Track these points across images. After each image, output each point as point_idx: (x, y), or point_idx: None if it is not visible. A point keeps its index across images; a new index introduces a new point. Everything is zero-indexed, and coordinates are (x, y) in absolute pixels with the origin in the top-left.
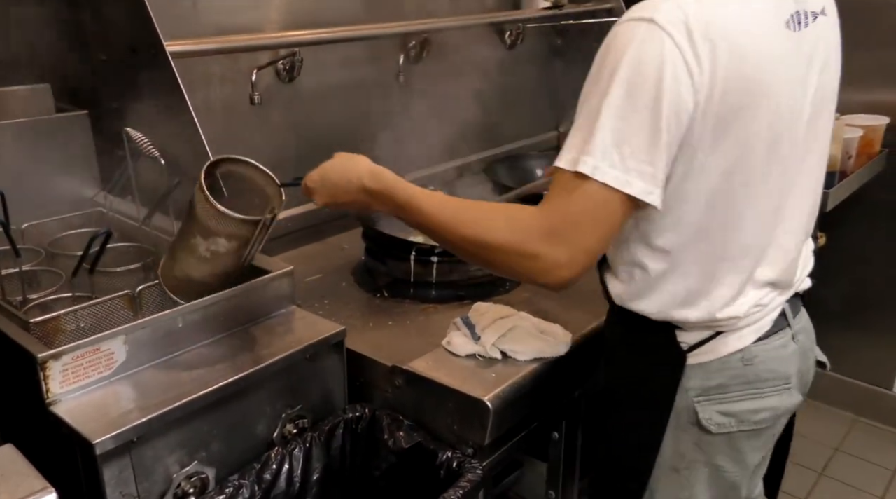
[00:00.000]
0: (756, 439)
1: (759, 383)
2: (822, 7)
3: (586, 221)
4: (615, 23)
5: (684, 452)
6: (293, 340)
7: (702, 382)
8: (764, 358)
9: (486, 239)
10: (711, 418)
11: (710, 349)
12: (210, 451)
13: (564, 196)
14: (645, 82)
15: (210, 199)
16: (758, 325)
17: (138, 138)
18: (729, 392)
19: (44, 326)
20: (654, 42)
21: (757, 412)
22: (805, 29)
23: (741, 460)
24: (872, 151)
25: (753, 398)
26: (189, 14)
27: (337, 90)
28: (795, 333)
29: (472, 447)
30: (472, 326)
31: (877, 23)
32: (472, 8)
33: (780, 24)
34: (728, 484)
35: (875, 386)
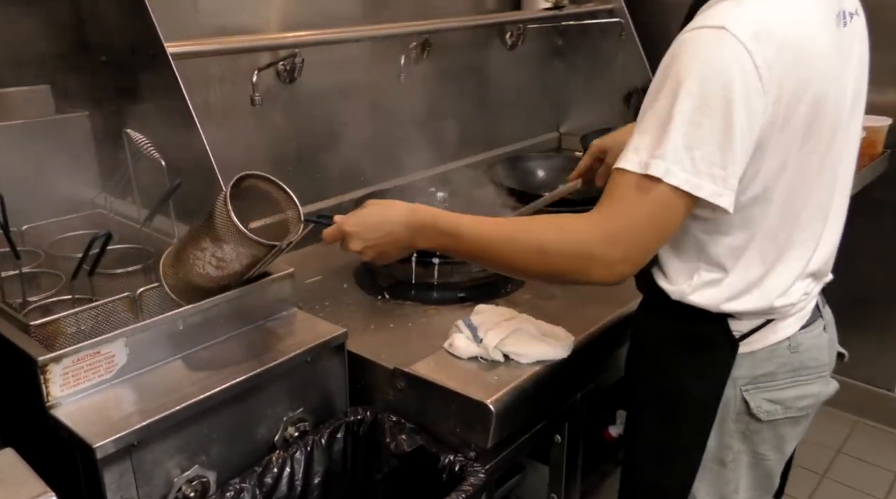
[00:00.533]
0: (797, 425)
1: (803, 370)
2: (856, 8)
3: (650, 222)
4: (682, 32)
5: (730, 443)
6: (294, 343)
7: (750, 370)
8: (808, 346)
9: (545, 247)
10: (760, 405)
11: (760, 338)
12: (211, 454)
13: (630, 198)
14: (717, 87)
15: (233, 216)
16: (802, 313)
17: (139, 140)
18: (776, 380)
19: (44, 328)
20: (725, 48)
21: (801, 399)
22: (846, 28)
23: (781, 448)
24: (875, 152)
25: (798, 385)
26: (190, 15)
27: (338, 91)
28: (826, 324)
29: (475, 451)
30: (474, 328)
31: (879, 24)
32: (473, 8)
33: (832, 23)
34: (765, 472)
35: (877, 388)
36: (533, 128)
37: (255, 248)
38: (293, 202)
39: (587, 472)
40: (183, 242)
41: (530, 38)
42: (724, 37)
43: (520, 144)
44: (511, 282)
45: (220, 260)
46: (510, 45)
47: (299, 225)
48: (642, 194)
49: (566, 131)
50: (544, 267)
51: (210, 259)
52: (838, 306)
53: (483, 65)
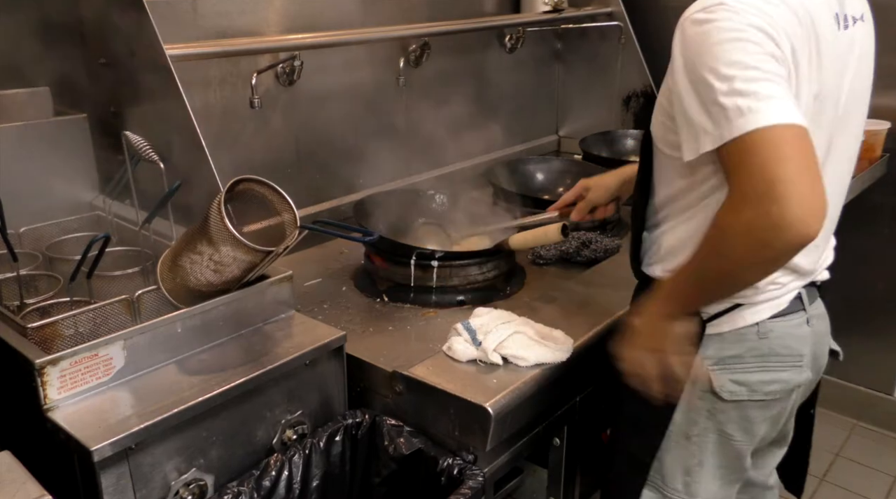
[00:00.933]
0: (766, 409)
1: (772, 357)
2: (862, 13)
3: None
4: (682, 19)
5: (696, 419)
6: (292, 346)
7: (717, 351)
8: (779, 334)
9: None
10: (724, 385)
11: (727, 320)
12: (209, 458)
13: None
14: (745, 37)
15: (227, 222)
16: (775, 302)
17: (137, 142)
18: (743, 363)
19: (41, 331)
20: (732, 16)
21: (769, 384)
22: (845, 31)
23: (749, 430)
24: (874, 155)
25: (766, 371)
26: (189, 17)
27: (337, 94)
28: (810, 318)
29: (473, 454)
30: (472, 331)
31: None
32: (473, 12)
33: (830, 18)
34: (734, 452)
35: (876, 391)
36: (532, 131)
37: (250, 253)
38: (289, 206)
39: (586, 475)
40: (179, 247)
41: (529, 42)
42: (726, 6)
43: (519, 147)
44: (510, 285)
45: (217, 264)
46: (509, 49)
47: (295, 229)
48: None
49: (565, 134)
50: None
51: (207, 263)
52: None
53: (482, 68)
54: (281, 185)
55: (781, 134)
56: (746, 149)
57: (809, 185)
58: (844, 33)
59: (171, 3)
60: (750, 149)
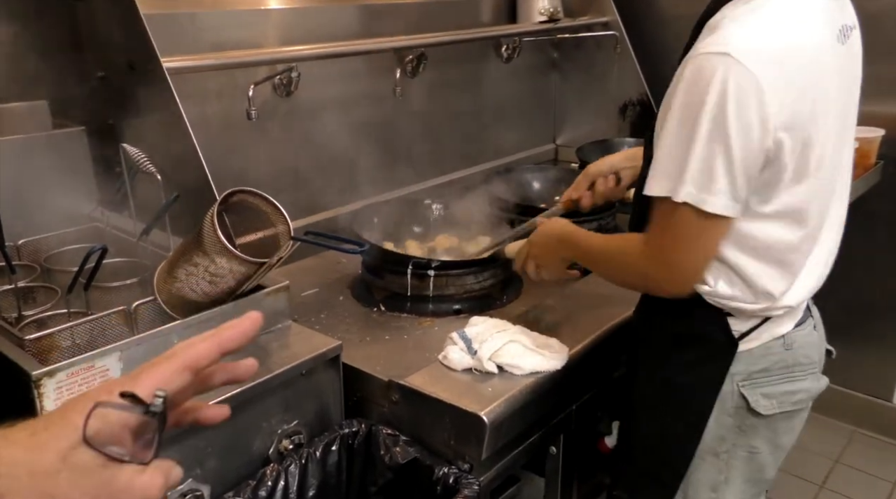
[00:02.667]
0: (791, 420)
1: (796, 367)
2: (855, 22)
3: (688, 245)
4: (690, 58)
5: (725, 435)
6: (289, 356)
7: (746, 367)
8: (801, 343)
9: (615, 272)
10: (758, 401)
11: (756, 336)
12: (205, 468)
13: (668, 224)
14: (730, 112)
15: (220, 235)
16: (794, 312)
17: (135, 154)
18: (771, 376)
19: (38, 342)
20: (732, 74)
21: (794, 394)
22: (847, 42)
23: (775, 442)
24: (868, 162)
25: (792, 381)
26: (186, 30)
27: (334, 105)
28: (815, 323)
29: (469, 462)
30: (468, 340)
31: (871, 36)
32: (469, 22)
33: (833, 39)
34: (759, 466)
35: (875, 398)
36: (529, 140)
37: (244, 264)
38: (283, 217)
39: (583, 483)
40: (175, 258)
41: (526, 51)
42: (729, 63)
43: (516, 156)
44: (506, 294)
45: (212, 276)
46: (506, 58)
47: (289, 241)
48: (681, 220)
49: (562, 143)
50: (626, 284)
51: (203, 274)
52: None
53: (479, 78)
54: (278, 195)
55: (713, 225)
56: (685, 221)
57: (697, 274)
58: (845, 46)
59: (169, 16)
60: (686, 222)
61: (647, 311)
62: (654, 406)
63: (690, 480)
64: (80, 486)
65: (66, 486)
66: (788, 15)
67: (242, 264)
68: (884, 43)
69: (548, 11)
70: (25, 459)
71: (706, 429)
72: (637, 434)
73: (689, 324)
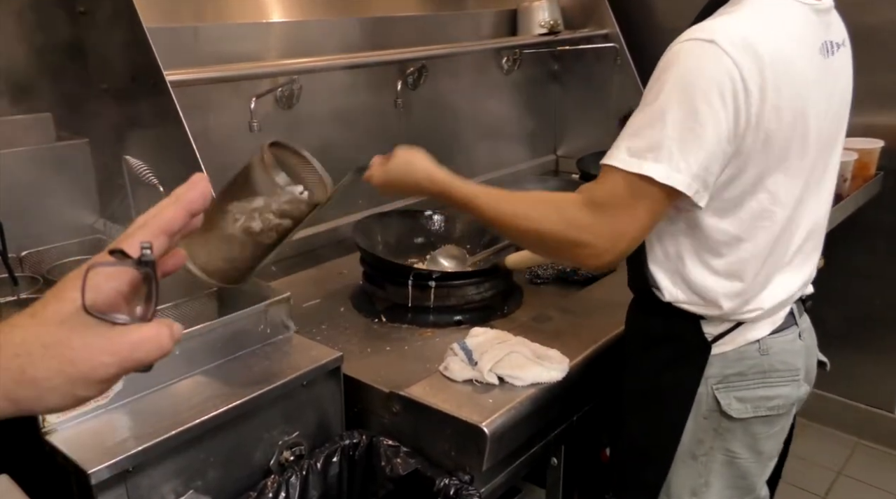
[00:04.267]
0: (769, 425)
1: (772, 373)
2: (843, 39)
3: (634, 216)
4: (676, 42)
5: (703, 438)
6: (290, 367)
7: (721, 370)
8: (778, 350)
9: (542, 232)
10: (730, 404)
11: (730, 340)
12: (206, 479)
13: (618, 193)
14: (705, 97)
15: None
16: (773, 318)
17: (137, 166)
18: (746, 380)
19: None
20: (714, 60)
21: (771, 399)
22: (832, 58)
23: (755, 447)
24: (868, 173)
25: (768, 387)
26: (189, 43)
27: (335, 117)
28: (802, 332)
29: (470, 474)
30: (469, 351)
31: (871, 47)
32: (470, 34)
33: (815, 50)
34: (740, 472)
35: (877, 408)
36: (530, 151)
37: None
38: (316, 170)
39: (584, 494)
40: (218, 201)
41: (526, 63)
42: (714, 50)
43: (517, 168)
44: (507, 305)
45: (262, 214)
46: (506, 70)
47: (324, 190)
48: (629, 191)
49: (563, 154)
50: (540, 247)
51: (252, 214)
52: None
53: (480, 90)
54: None
55: (654, 193)
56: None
57: (625, 239)
58: (830, 61)
59: (172, 29)
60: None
61: (631, 312)
62: (637, 407)
63: (672, 482)
64: (94, 345)
65: (81, 348)
66: (771, 18)
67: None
68: (883, 55)
69: (548, 24)
70: (34, 335)
71: (685, 431)
72: (623, 436)
73: (666, 325)
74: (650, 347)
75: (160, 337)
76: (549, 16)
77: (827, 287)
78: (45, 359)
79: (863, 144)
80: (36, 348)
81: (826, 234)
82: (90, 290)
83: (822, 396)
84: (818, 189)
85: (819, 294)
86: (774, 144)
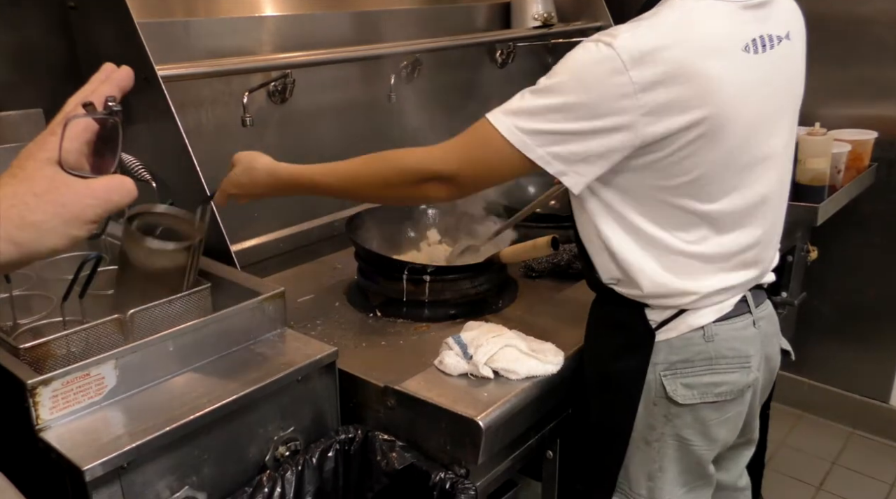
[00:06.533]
0: (719, 411)
1: (719, 359)
2: (787, 32)
3: (486, 164)
4: (590, 38)
5: (654, 424)
6: (285, 363)
7: (667, 356)
8: (725, 336)
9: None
10: (676, 390)
11: (673, 327)
12: (201, 475)
13: (479, 139)
14: (588, 95)
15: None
16: (718, 306)
17: (129, 162)
18: (693, 366)
19: (34, 351)
20: (608, 64)
21: (718, 386)
22: (766, 53)
23: (706, 433)
24: (861, 165)
25: (715, 373)
26: (181, 37)
27: (329, 111)
28: (757, 320)
29: (466, 468)
30: (464, 345)
31: (863, 39)
32: (463, 28)
33: (738, 48)
34: (694, 458)
35: (871, 399)
36: None
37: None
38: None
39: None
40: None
41: (520, 56)
42: (609, 54)
43: None
44: (501, 299)
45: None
46: (500, 63)
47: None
48: (488, 140)
49: None
50: (388, 191)
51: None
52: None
53: (473, 83)
54: (273, 202)
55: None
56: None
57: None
58: (763, 55)
59: (163, 23)
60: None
61: (593, 302)
62: (595, 392)
63: (628, 467)
64: (78, 190)
65: (68, 194)
66: (680, 21)
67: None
68: (873, 46)
69: (542, 17)
70: (23, 189)
71: (637, 417)
72: (583, 422)
73: (614, 312)
74: (603, 334)
75: (125, 182)
76: (543, 9)
77: (820, 278)
78: (40, 205)
79: (856, 136)
80: (29, 198)
81: (820, 225)
82: (67, 139)
83: (817, 387)
84: (758, 184)
85: (813, 285)
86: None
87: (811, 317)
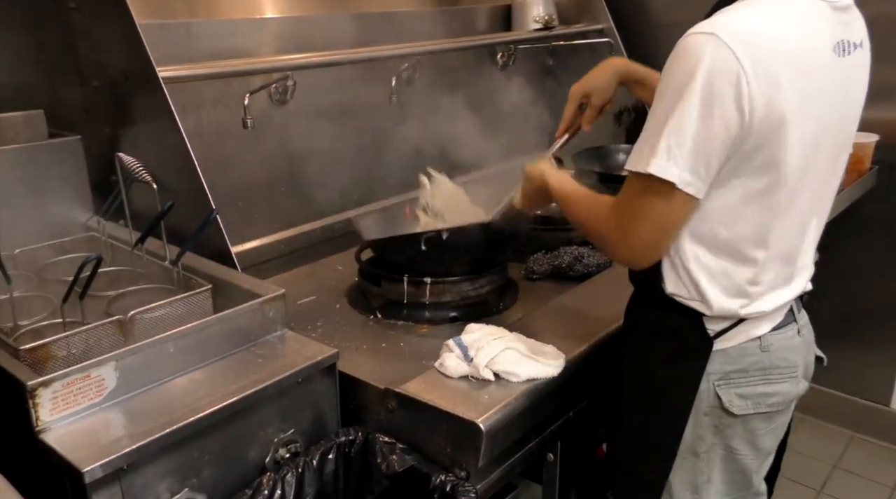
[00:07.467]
0: (769, 422)
1: (773, 370)
2: (861, 40)
3: (649, 217)
4: (682, 37)
5: (704, 435)
6: (285, 365)
7: (722, 366)
8: (778, 346)
9: (583, 225)
10: (732, 400)
11: (731, 336)
12: (201, 477)
13: (633, 195)
14: (707, 91)
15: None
16: (773, 315)
17: (131, 163)
18: (747, 377)
19: (34, 352)
20: (714, 52)
21: (771, 396)
22: (847, 57)
23: (755, 443)
24: (863, 167)
25: (768, 383)
26: (182, 39)
27: (329, 113)
28: (800, 328)
29: (466, 470)
30: (464, 347)
31: None
32: (464, 30)
33: (829, 48)
34: (740, 468)
35: (872, 402)
36: (525, 146)
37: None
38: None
39: (581, 491)
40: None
41: (521, 59)
42: (714, 42)
43: (512, 163)
44: (502, 301)
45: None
46: (501, 66)
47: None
48: (642, 192)
49: None
50: (588, 236)
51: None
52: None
53: (474, 85)
54: (275, 203)
55: (675, 200)
56: (647, 193)
57: (653, 248)
58: (844, 60)
59: (163, 25)
60: (648, 194)
61: (632, 304)
62: (638, 402)
63: (673, 480)
64: None
65: None
66: (781, 13)
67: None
68: (877, 48)
69: (543, 19)
70: None
71: (686, 428)
72: (623, 432)
73: (668, 318)
74: (650, 341)
75: None
76: (544, 11)
77: (822, 281)
78: None
79: (858, 138)
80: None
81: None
82: None
83: (818, 390)
84: (823, 191)
85: (814, 288)
86: (772, 145)
87: (812, 320)
